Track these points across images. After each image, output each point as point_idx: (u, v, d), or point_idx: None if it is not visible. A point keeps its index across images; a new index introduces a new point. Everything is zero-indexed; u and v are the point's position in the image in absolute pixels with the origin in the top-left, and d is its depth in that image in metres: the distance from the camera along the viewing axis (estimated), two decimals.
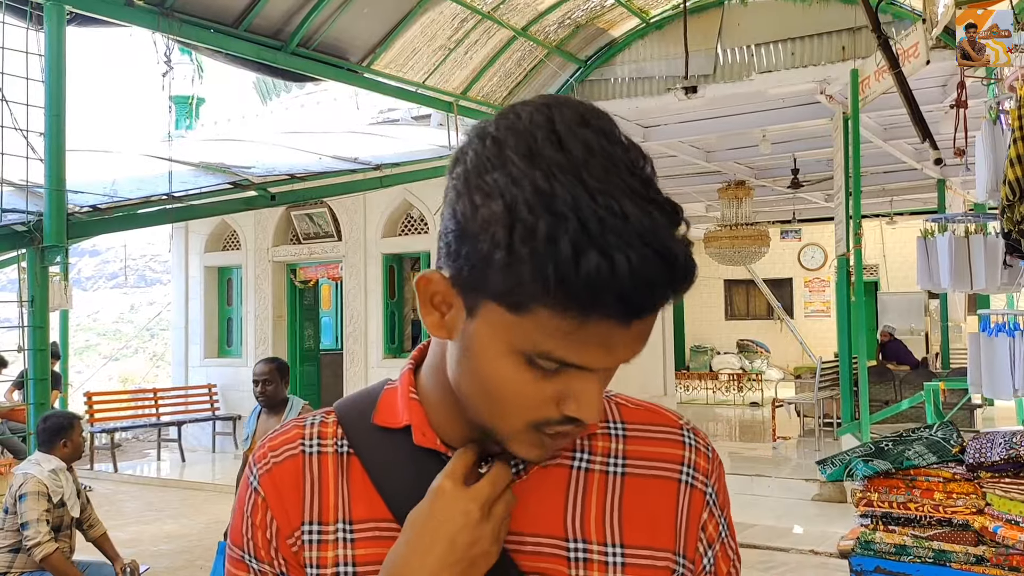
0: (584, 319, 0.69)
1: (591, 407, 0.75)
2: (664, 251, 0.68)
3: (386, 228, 11.52)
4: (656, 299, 0.69)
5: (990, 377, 3.57)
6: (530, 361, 0.73)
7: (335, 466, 0.88)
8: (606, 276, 0.66)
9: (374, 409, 0.91)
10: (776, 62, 8.41)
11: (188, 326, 13.32)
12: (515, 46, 8.49)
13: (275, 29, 6.77)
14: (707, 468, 0.91)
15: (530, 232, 0.68)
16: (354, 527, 0.86)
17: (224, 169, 7.13)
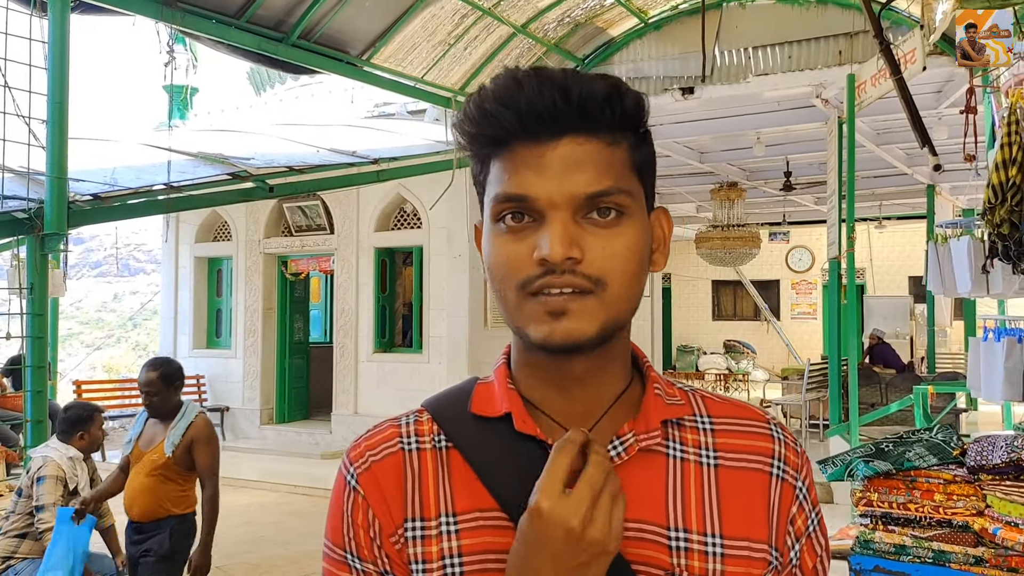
0: (501, 146, 0.83)
1: (551, 242, 0.80)
2: (548, 74, 0.81)
3: (379, 222, 11.52)
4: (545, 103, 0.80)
5: (990, 381, 3.63)
6: (499, 220, 0.84)
7: (434, 462, 0.90)
8: (486, 94, 0.82)
9: (469, 402, 0.93)
10: (772, 65, 8.47)
11: (177, 316, 13.28)
12: (514, 43, 8.50)
13: (277, 20, 6.76)
14: (797, 463, 0.93)
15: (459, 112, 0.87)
16: (458, 519, 0.86)
17: (223, 160, 7.11)
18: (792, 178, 11.47)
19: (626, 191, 0.84)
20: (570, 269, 0.81)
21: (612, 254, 0.82)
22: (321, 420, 12.42)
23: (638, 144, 0.87)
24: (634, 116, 0.85)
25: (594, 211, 0.82)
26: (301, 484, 9.68)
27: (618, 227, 0.83)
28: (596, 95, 0.81)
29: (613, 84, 0.83)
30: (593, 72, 0.86)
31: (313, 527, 7.99)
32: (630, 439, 0.88)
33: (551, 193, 0.81)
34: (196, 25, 6.30)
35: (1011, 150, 2.78)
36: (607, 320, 0.83)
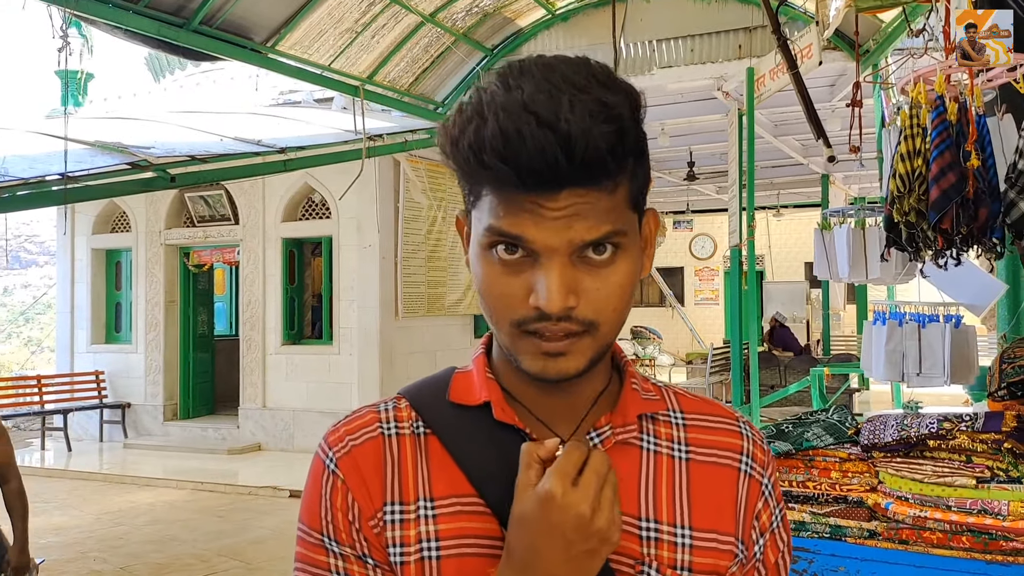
0: (498, 190, 0.79)
1: (548, 293, 0.79)
2: (548, 119, 0.75)
3: (286, 212, 11.32)
4: (547, 163, 0.75)
5: (876, 363, 3.84)
6: (491, 248, 0.82)
7: (413, 447, 0.90)
8: (484, 140, 0.77)
9: (448, 390, 0.94)
10: (676, 58, 8.66)
11: (74, 311, 12.79)
12: (422, 32, 8.46)
13: (177, 5, 6.56)
14: (764, 460, 0.96)
15: (452, 124, 0.81)
16: (435, 503, 0.87)
17: (122, 149, 6.87)
18: (695, 168, 11.76)
19: (623, 231, 0.82)
20: (565, 317, 0.80)
21: (607, 295, 0.82)
22: (228, 415, 12.16)
23: (638, 168, 0.84)
24: (635, 146, 0.82)
25: (589, 249, 0.81)
26: (208, 481, 9.48)
27: (613, 264, 0.82)
28: (600, 151, 0.76)
29: (618, 125, 0.77)
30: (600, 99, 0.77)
31: (223, 524, 7.84)
32: (607, 431, 0.90)
33: (548, 240, 0.79)
34: (91, 9, 6.05)
35: (914, 142, 2.92)
36: (596, 355, 0.85)
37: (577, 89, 0.77)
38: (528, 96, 0.77)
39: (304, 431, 11.08)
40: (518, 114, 0.76)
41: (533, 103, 0.76)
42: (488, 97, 0.78)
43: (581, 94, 0.77)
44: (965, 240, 2.77)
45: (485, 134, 0.77)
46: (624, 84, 0.82)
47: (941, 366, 3.70)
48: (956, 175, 2.69)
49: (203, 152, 7.36)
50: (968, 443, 2.55)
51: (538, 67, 0.80)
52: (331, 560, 0.87)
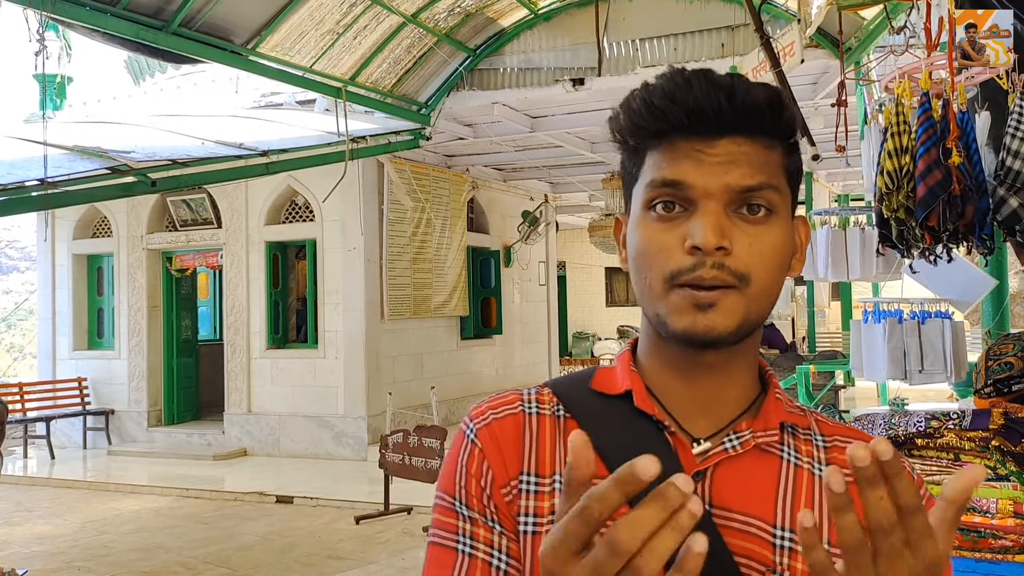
0: (663, 139, 0.86)
1: (703, 230, 0.82)
2: (715, 77, 0.84)
3: (269, 215, 11.26)
4: (711, 105, 0.83)
5: (872, 361, 3.83)
6: (652, 206, 0.86)
7: (552, 427, 0.93)
8: (655, 90, 0.85)
9: (591, 380, 0.96)
10: (659, 57, 8.65)
11: (56, 317, 12.68)
12: (405, 32, 8.41)
13: (156, 7, 6.49)
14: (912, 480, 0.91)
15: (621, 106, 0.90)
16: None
17: (101, 153, 6.79)
18: None
19: (776, 188, 0.86)
20: (718, 262, 0.83)
21: (759, 251, 0.85)
22: (213, 420, 12.07)
23: (790, 152, 0.90)
24: (789, 127, 0.88)
25: (744, 207, 0.85)
26: (194, 487, 9.41)
27: (766, 224, 0.86)
28: (759, 101, 0.84)
29: (775, 93, 0.86)
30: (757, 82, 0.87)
31: (209, 531, 7.77)
32: (747, 435, 0.89)
33: (706, 182, 0.84)
34: (69, 12, 5.98)
35: (901, 139, 2.92)
36: (747, 316, 0.85)
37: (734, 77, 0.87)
38: (699, 69, 0.86)
39: (290, 436, 11.01)
40: (688, 73, 0.85)
41: (701, 70, 0.86)
42: (660, 74, 0.87)
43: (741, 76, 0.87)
44: (953, 237, 2.76)
45: (656, 87, 0.86)
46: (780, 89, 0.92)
47: (942, 362, 3.70)
48: (942, 172, 2.68)
49: (184, 156, 7.30)
50: (956, 441, 2.54)
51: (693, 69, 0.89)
52: (460, 523, 0.89)
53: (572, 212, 17.21)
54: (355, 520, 7.74)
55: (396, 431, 7.72)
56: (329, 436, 10.79)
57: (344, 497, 8.65)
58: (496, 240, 13.77)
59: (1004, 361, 3.19)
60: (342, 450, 10.68)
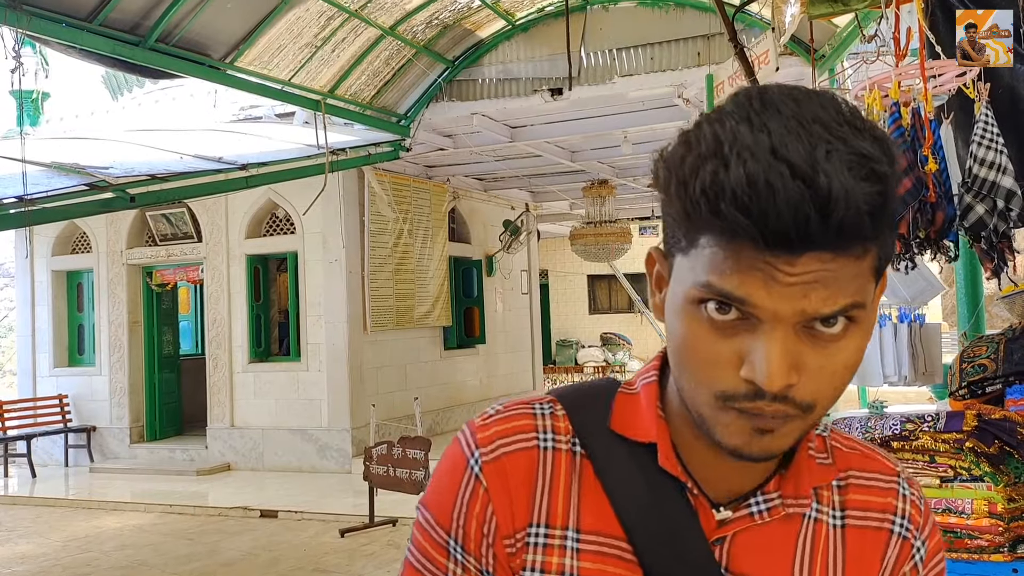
0: (729, 242, 0.67)
1: (768, 367, 0.68)
2: (805, 170, 0.64)
3: (250, 228, 11.23)
4: (798, 222, 0.64)
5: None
6: (700, 304, 0.71)
7: (568, 467, 0.83)
8: (723, 186, 0.65)
9: (609, 413, 0.85)
10: (636, 66, 8.72)
11: (35, 334, 12.58)
12: (383, 45, 8.44)
13: (133, 23, 6.49)
14: (919, 521, 0.88)
15: (679, 160, 0.70)
16: (581, 537, 0.80)
17: (79, 170, 6.77)
18: None
19: (862, 305, 0.70)
20: (782, 397, 0.70)
21: (831, 375, 0.71)
22: (196, 435, 12.00)
23: (888, 235, 0.72)
24: (891, 217, 0.71)
25: (819, 321, 0.70)
26: (177, 503, 9.35)
27: (843, 340, 0.71)
28: (862, 211, 0.65)
29: (881, 186, 0.66)
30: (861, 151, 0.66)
31: (193, 547, 7.73)
32: (775, 500, 0.82)
33: (777, 306, 0.68)
34: (44, 29, 5.97)
35: None
36: (804, 433, 0.75)
37: (832, 135, 0.66)
38: (778, 139, 0.66)
39: (273, 449, 10.97)
40: (767, 161, 0.65)
41: (784, 148, 0.65)
42: (728, 135, 0.67)
43: (838, 142, 0.66)
44: (922, 244, 2.82)
45: (726, 181, 0.65)
46: (880, 131, 0.70)
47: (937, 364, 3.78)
48: (912, 180, 2.73)
49: (163, 171, 7.28)
50: (931, 443, 2.58)
51: (785, 101, 0.69)
52: (450, 565, 0.82)
53: (553, 221, 17.27)
54: (340, 533, 7.72)
55: (380, 443, 7.71)
56: (313, 449, 10.76)
57: (329, 510, 8.63)
58: (478, 250, 13.79)
59: (978, 363, 3.25)
60: (326, 463, 10.65)
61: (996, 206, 2.82)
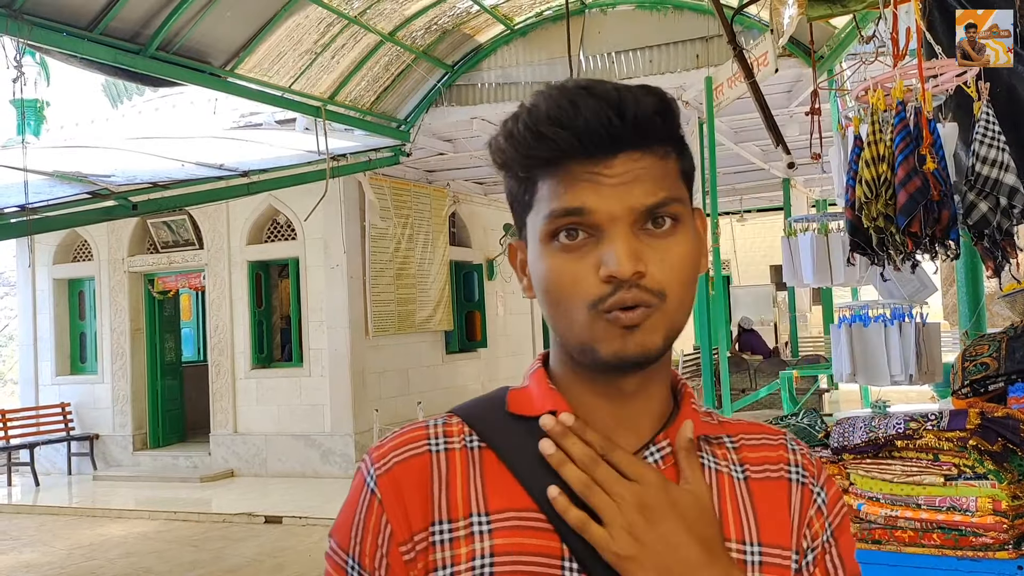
0: (555, 166, 0.82)
1: (618, 258, 0.79)
2: (599, 92, 0.81)
3: (251, 235, 11.25)
4: (602, 123, 0.79)
5: (865, 366, 3.88)
6: (554, 236, 0.83)
7: (464, 461, 0.87)
8: (540, 116, 0.81)
9: (505, 403, 0.91)
10: (635, 69, 8.75)
11: (37, 342, 12.60)
12: (382, 51, 8.47)
13: (133, 32, 6.51)
14: (813, 471, 0.93)
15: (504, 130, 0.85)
16: (491, 518, 0.84)
17: (81, 178, 6.79)
18: None
19: (679, 199, 0.84)
20: (636, 283, 0.80)
21: (671, 265, 0.83)
22: (199, 442, 12.01)
23: (682, 152, 0.87)
24: (678, 127, 0.86)
25: (650, 221, 0.82)
26: (182, 510, 9.36)
27: (674, 236, 0.83)
28: (648, 111, 0.81)
29: (661, 98, 0.83)
30: (640, 86, 0.83)
31: (199, 554, 7.74)
32: (666, 448, 0.88)
33: (611, 207, 0.81)
34: (45, 38, 6.00)
35: (877, 148, 2.98)
36: (670, 330, 0.84)
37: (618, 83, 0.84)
38: (574, 85, 0.83)
39: (277, 455, 10.98)
40: (570, 92, 0.81)
41: (582, 86, 0.82)
42: (535, 96, 0.84)
43: (624, 84, 0.83)
44: (931, 242, 2.83)
45: (541, 110, 0.81)
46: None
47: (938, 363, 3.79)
48: (921, 179, 2.74)
49: (165, 178, 7.30)
50: (935, 442, 2.59)
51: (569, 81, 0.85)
52: None
53: None
54: None
55: None
56: (316, 454, 10.77)
57: (333, 515, 8.51)
58: (479, 253, 13.81)
59: (980, 362, 3.26)
60: (330, 468, 10.66)
61: (999, 203, 2.83)
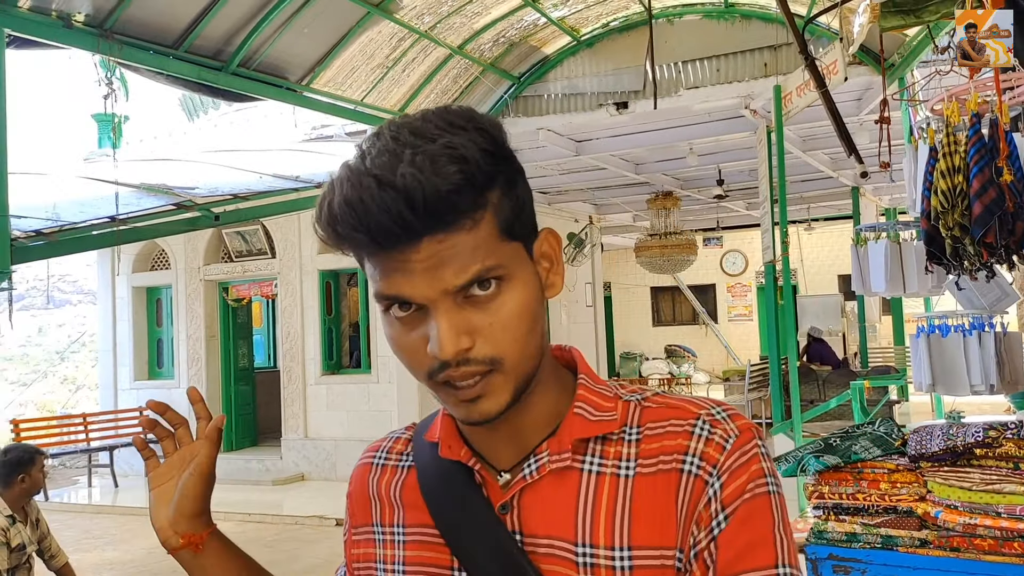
0: (366, 255, 0.83)
1: (440, 341, 0.80)
2: (387, 178, 0.77)
3: (321, 244, 11.52)
4: (394, 220, 0.77)
5: (944, 376, 3.87)
6: (388, 311, 0.84)
7: (391, 478, 1.01)
8: (335, 213, 0.79)
9: (429, 427, 1.00)
10: (703, 78, 8.75)
11: (116, 348, 13.05)
12: (451, 64, 8.64)
13: (215, 49, 6.78)
14: (716, 459, 0.86)
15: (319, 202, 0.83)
16: (405, 531, 0.97)
17: (167, 190, 7.09)
18: (724, 186, 11.82)
19: (496, 265, 0.82)
20: (464, 359, 0.81)
21: (502, 327, 0.82)
22: (271, 446, 12.32)
23: (503, 195, 0.84)
24: (490, 177, 0.81)
25: (475, 286, 0.81)
26: (255, 512, 9.61)
27: (500, 296, 0.82)
28: (442, 193, 0.77)
29: (460, 165, 0.78)
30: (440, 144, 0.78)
31: (273, 555, 7.96)
32: (543, 458, 0.89)
33: (424, 292, 0.80)
34: (134, 56, 6.28)
35: (952, 159, 2.99)
36: (516, 386, 0.85)
37: (423, 139, 0.79)
38: (371, 160, 0.79)
39: (346, 460, 11.20)
40: (359, 179, 0.78)
41: (375, 166, 0.78)
42: (341, 170, 0.82)
43: (425, 144, 0.78)
44: (1006, 252, 2.84)
45: (335, 207, 0.79)
46: (483, 121, 0.83)
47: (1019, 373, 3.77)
48: (996, 191, 2.76)
49: (245, 190, 7.57)
50: (1015, 450, 2.60)
51: (392, 127, 0.82)
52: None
53: (617, 233, 17.30)
54: None
55: None
56: None
57: None
58: None
59: None
60: None
61: None
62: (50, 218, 5.88)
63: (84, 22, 5.95)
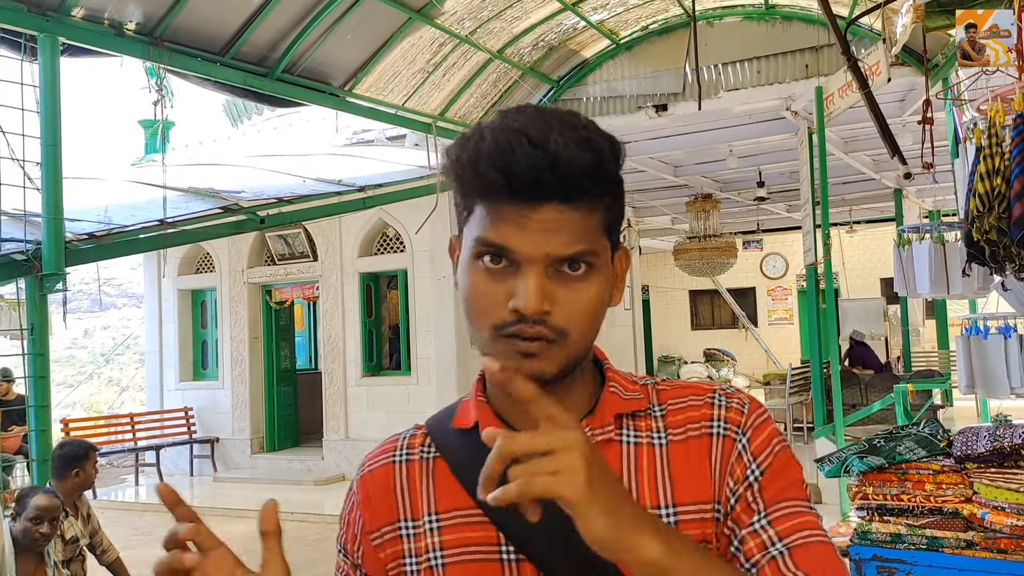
0: (488, 199, 0.89)
1: (526, 296, 0.87)
2: (539, 139, 0.85)
3: (362, 247, 11.65)
4: (534, 174, 0.85)
5: (984, 378, 3.83)
6: (479, 257, 0.90)
7: (420, 470, 1.04)
8: (481, 152, 0.87)
9: (453, 417, 1.05)
10: (743, 80, 8.73)
11: (162, 350, 13.29)
12: (491, 68, 8.71)
13: (261, 56, 6.91)
14: (739, 420, 0.98)
15: (456, 148, 0.91)
16: (440, 517, 0.99)
17: (214, 194, 7.24)
18: (764, 188, 11.75)
19: (594, 252, 0.91)
20: (540, 320, 0.88)
21: (579, 307, 0.90)
22: (312, 446, 12.47)
23: (613, 202, 0.93)
24: (612, 179, 0.92)
25: (566, 264, 0.89)
26: (297, 511, 9.73)
27: (586, 281, 0.91)
28: (580, 170, 0.86)
29: (598, 155, 0.88)
30: (584, 134, 0.88)
31: (315, 553, 8.06)
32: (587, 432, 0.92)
33: (528, 249, 0.87)
34: (182, 63, 6.44)
35: (993, 161, 2.97)
36: (567, 363, 0.92)
37: (566, 125, 0.88)
38: (522, 123, 0.87)
39: None
40: (512, 134, 0.86)
41: (526, 128, 0.87)
42: (487, 124, 0.90)
43: (569, 129, 0.87)
44: None
45: (483, 147, 0.87)
46: (608, 134, 0.92)
47: None
48: None
49: (289, 194, 7.70)
50: None
51: (533, 108, 0.91)
52: (342, 563, 1.07)
53: (655, 235, 17.26)
54: None
55: None
56: None
57: None
58: None
59: None
60: None
61: None
62: (102, 221, 6.04)
63: (135, 30, 6.11)
